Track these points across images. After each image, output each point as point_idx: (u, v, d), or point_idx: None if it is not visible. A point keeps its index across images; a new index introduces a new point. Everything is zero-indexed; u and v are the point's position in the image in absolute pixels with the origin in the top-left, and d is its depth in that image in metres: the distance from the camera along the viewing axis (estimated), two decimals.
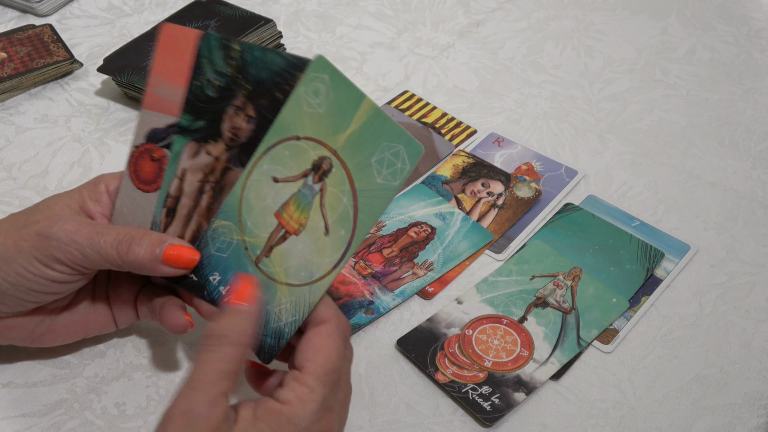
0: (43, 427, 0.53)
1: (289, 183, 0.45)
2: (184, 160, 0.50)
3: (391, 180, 0.42)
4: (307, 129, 0.44)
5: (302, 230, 0.45)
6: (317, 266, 0.44)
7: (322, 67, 0.44)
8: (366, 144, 0.43)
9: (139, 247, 0.48)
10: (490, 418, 0.54)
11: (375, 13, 0.93)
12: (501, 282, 0.63)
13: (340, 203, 0.44)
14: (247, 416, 0.42)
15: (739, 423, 0.54)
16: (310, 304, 0.45)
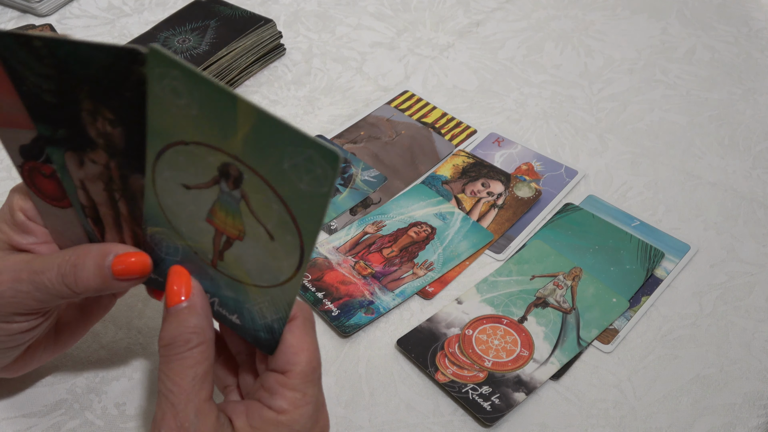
0: (43, 428, 0.53)
1: (203, 189, 0.40)
2: (74, 170, 0.43)
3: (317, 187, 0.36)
4: (191, 133, 0.38)
5: (244, 236, 0.40)
6: (278, 269, 0.40)
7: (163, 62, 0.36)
8: (268, 150, 0.36)
9: (85, 272, 0.42)
10: (490, 418, 0.54)
11: (375, 13, 0.93)
12: (501, 282, 0.63)
13: (271, 210, 0.38)
14: (244, 426, 0.41)
15: (739, 423, 0.54)
16: (288, 302, 0.41)
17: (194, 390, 0.40)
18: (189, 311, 0.41)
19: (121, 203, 0.44)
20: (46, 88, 0.40)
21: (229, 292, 0.43)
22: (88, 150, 0.42)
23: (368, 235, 0.66)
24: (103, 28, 0.89)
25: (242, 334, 0.44)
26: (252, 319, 0.43)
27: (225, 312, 0.44)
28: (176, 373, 0.40)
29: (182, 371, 0.40)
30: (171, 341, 0.40)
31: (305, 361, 0.42)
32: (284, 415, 0.41)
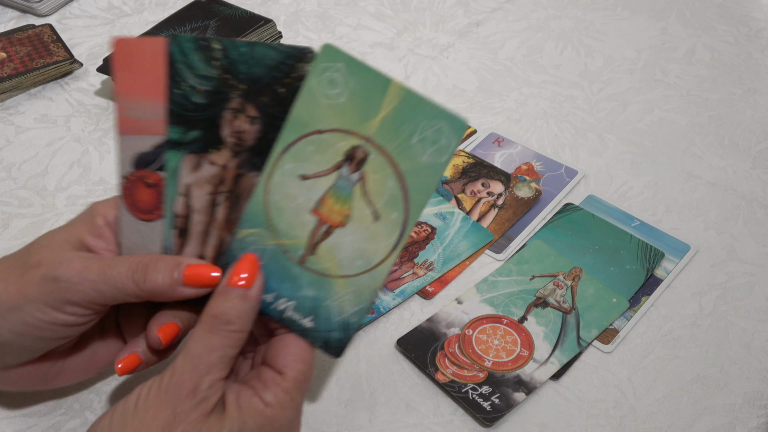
0: (43, 427, 0.53)
1: (321, 178, 0.44)
2: (185, 176, 0.46)
3: (437, 157, 0.42)
4: (330, 121, 0.43)
5: (348, 221, 0.44)
6: (374, 252, 0.44)
7: (333, 56, 0.42)
8: (402, 126, 0.42)
9: (156, 273, 0.45)
10: (490, 418, 0.54)
11: (375, 13, 0.93)
12: (501, 282, 0.63)
13: (385, 188, 0.43)
14: (233, 404, 0.43)
15: (739, 423, 0.54)
16: (374, 289, 0.44)
17: (217, 366, 0.42)
18: (243, 298, 0.44)
19: (221, 208, 0.47)
20: (200, 89, 0.45)
21: (309, 291, 0.45)
22: (212, 151, 0.46)
23: None
24: (103, 28, 0.89)
25: (312, 338, 0.46)
26: (328, 318, 0.45)
27: (297, 317, 0.46)
28: (209, 343, 0.42)
29: (215, 346, 0.42)
30: (217, 314, 0.43)
31: (302, 370, 0.45)
32: (269, 409, 0.44)
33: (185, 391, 0.42)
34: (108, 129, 0.76)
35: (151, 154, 0.47)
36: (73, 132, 0.76)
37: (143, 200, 0.48)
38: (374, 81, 0.42)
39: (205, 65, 0.45)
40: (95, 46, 0.86)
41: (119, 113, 0.47)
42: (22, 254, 0.48)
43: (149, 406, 0.42)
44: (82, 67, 0.82)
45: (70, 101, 0.79)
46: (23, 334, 0.45)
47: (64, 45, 0.82)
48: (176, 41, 0.44)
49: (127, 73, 0.46)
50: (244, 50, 0.44)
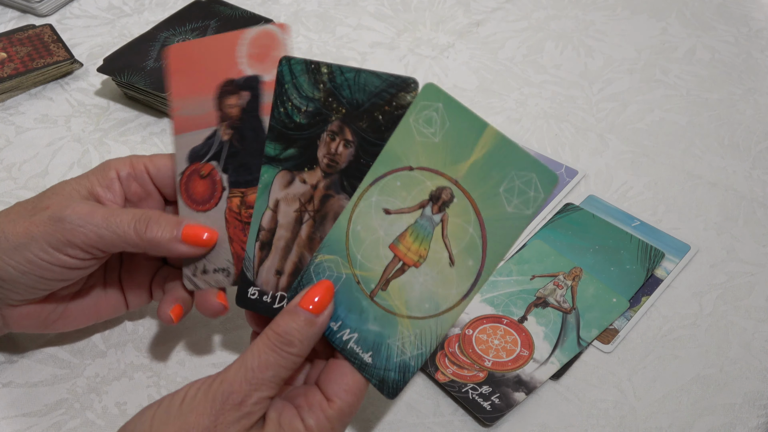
0: (43, 427, 0.53)
1: (404, 214, 0.44)
2: (276, 191, 0.48)
3: (523, 209, 0.40)
4: (421, 159, 0.43)
5: (422, 262, 0.43)
6: (443, 298, 0.43)
7: (433, 95, 0.43)
8: (492, 173, 0.41)
9: (157, 226, 0.47)
10: (490, 418, 0.54)
11: (375, 13, 0.93)
12: (501, 282, 0.63)
13: (465, 233, 0.42)
14: (274, 420, 0.44)
15: (739, 423, 0.54)
16: (438, 336, 0.43)
17: (268, 384, 0.43)
18: (309, 322, 0.44)
19: (306, 226, 0.48)
20: (305, 110, 0.47)
21: (374, 326, 0.45)
22: (306, 169, 0.48)
23: None
24: (103, 28, 0.89)
25: (368, 374, 0.46)
26: (388, 356, 0.45)
27: (359, 349, 0.46)
28: (266, 360, 0.43)
29: (274, 366, 0.43)
30: (282, 333, 0.43)
31: (351, 402, 0.45)
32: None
33: (232, 403, 0.42)
34: (108, 129, 0.76)
35: (203, 146, 0.50)
36: (74, 132, 0.76)
37: (198, 191, 0.50)
38: (470, 124, 0.42)
39: (311, 87, 0.46)
40: (95, 46, 0.86)
41: (174, 114, 0.50)
42: (34, 199, 0.50)
43: (194, 408, 0.42)
44: (83, 67, 0.82)
45: (71, 101, 0.79)
46: (27, 272, 0.48)
47: (64, 45, 0.82)
48: (287, 62, 0.46)
49: (178, 75, 0.50)
50: (349, 75, 0.45)
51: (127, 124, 0.76)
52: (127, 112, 0.78)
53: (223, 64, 0.50)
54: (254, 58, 0.49)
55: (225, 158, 0.50)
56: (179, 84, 0.50)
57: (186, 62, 0.50)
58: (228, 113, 0.50)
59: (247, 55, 0.49)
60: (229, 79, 0.50)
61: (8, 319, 0.51)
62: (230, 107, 0.49)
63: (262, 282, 0.49)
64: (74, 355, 0.57)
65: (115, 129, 0.76)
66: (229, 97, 0.49)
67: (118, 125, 0.76)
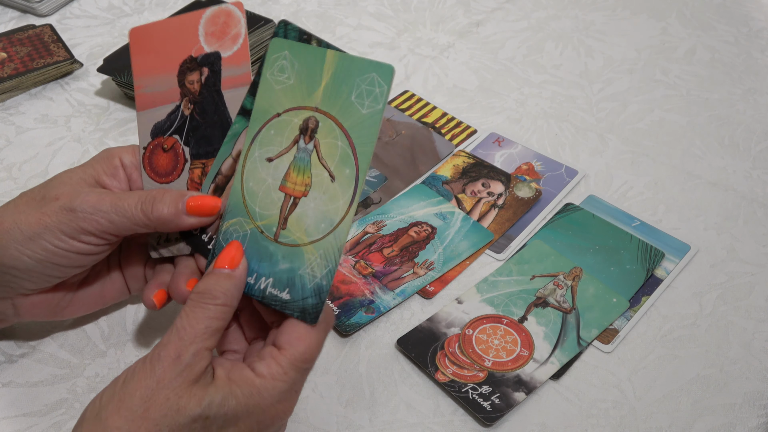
0: (43, 427, 0.53)
1: (284, 156, 0.47)
2: (241, 142, 0.50)
3: (374, 105, 0.45)
4: (284, 103, 0.47)
5: (309, 189, 0.47)
6: (334, 212, 0.46)
7: (279, 47, 0.47)
8: (342, 88, 0.45)
9: (162, 204, 0.49)
10: (490, 418, 0.54)
11: (375, 13, 0.93)
12: (501, 282, 0.63)
13: (336, 148, 0.46)
14: (223, 376, 0.45)
15: (739, 423, 0.54)
16: (339, 248, 0.46)
17: (202, 336, 0.44)
18: (227, 277, 0.46)
19: None
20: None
21: (284, 264, 0.48)
22: None
23: (368, 235, 0.66)
24: (103, 28, 0.89)
25: (290, 310, 0.47)
26: (302, 286, 0.47)
27: (276, 291, 0.48)
28: (194, 316, 0.45)
29: (200, 318, 0.44)
30: (202, 291, 0.45)
31: (302, 350, 0.46)
32: (259, 379, 0.45)
33: (169, 359, 0.43)
34: (108, 129, 0.76)
35: (165, 121, 0.53)
36: (74, 132, 0.76)
37: (161, 164, 0.53)
38: (313, 56, 0.46)
39: None
40: (95, 46, 0.86)
41: (137, 92, 0.52)
42: (40, 189, 0.51)
43: (134, 377, 0.43)
44: (83, 67, 0.82)
45: (71, 101, 0.79)
46: (43, 260, 0.49)
47: (64, 45, 0.82)
48: (284, 26, 0.48)
49: (142, 56, 0.52)
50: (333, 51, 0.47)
51: (127, 124, 0.76)
52: (127, 112, 0.78)
53: (184, 43, 0.52)
54: (213, 36, 0.52)
55: (186, 131, 0.52)
56: (142, 63, 0.53)
57: (148, 42, 0.52)
58: (189, 89, 0.52)
59: (205, 33, 0.52)
60: (189, 56, 0.52)
61: (20, 308, 0.53)
62: (191, 83, 0.52)
63: None
64: (74, 355, 0.57)
65: (115, 129, 0.76)
66: (190, 73, 0.52)
67: (118, 125, 0.76)
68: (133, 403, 0.42)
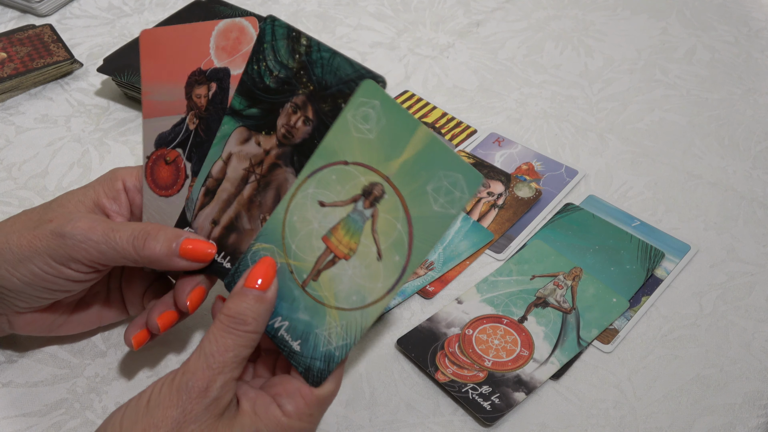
0: (43, 427, 0.53)
1: (337, 207, 0.45)
2: (231, 144, 0.49)
3: (448, 208, 0.41)
4: (356, 154, 0.44)
5: (352, 255, 0.44)
6: (369, 291, 0.44)
7: (371, 93, 0.43)
8: (421, 172, 0.42)
9: (155, 242, 0.47)
10: (490, 418, 0.54)
11: (375, 13, 0.93)
12: (501, 282, 0.63)
13: (393, 229, 0.43)
14: (249, 410, 0.44)
15: (739, 423, 0.54)
16: (363, 328, 0.44)
17: (230, 365, 0.43)
18: (259, 300, 0.44)
19: (249, 186, 0.49)
20: (275, 74, 0.47)
21: (304, 315, 0.46)
22: (263, 133, 0.48)
23: None
24: (103, 28, 0.89)
25: (296, 362, 0.46)
26: (315, 346, 0.46)
27: (288, 337, 0.47)
28: (224, 343, 0.43)
29: (229, 345, 0.43)
30: (233, 315, 0.44)
31: (330, 391, 0.46)
32: (286, 418, 0.44)
33: (197, 390, 0.42)
34: (108, 129, 0.76)
35: (170, 133, 0.51)
36: (73, 132, 0.76)
37: (162, 177, 0.51)
38: (404, 123, 0.42)
39: (288, 55, 0.47)
40: (95, 46, 0.86)
41: (144, 98, 0.51)
42: (40, 209, 0.50)
43: (160, 403, 0.42)
44: (83, 67, 0.82)
45: (71, 101, 0.79)
46: (31, 283, 0.48)
47: (64, 45, 0.82)
48: (272, 22, 0.46)
49: (150, 60, 0.50)
50: (325, 55, 0.46)
51: (127, 124, 0.76)
52: (127, 112, 0.78)
53: (194, 53, 0.50)
54: (224, 50, 0.50)
55: (190, 146, 0.51)
56: (151, 68, 0.51)
57: (159, 48, 0.50)
58: (196, 102, 0.51)
59: (216, 46, 0.50)
60: (198, 68, 0.50)
61: (14, 325, 0.52)
62: (198, 97, 0.50)
63: (198, 226, 0.51)
64: (74, 355, 0.57)
65: (115, 129, 0.76)
66: (198, 86, 0.50)
67: (118, 125, 0.76)
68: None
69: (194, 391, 0.42)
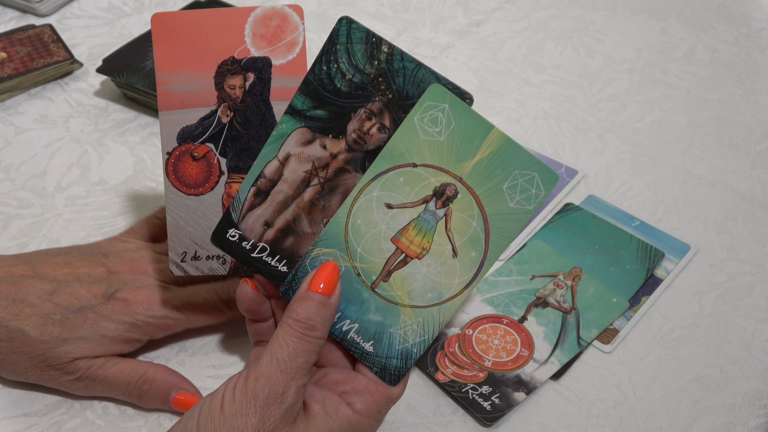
0: (43, 427, 0.53)
1: (406, 209, 0.45)
2: (290, 144, 0.47)
3: (525, 204, 0.43)
4: (425, 157, 0.45)
5: (425, 254, 0.45)
6: (446, 287, 0.45)
7: (439, 97, 0.44)
8: (496, 172, 0.44)
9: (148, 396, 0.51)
10: (490, 418, 0.54)
11: (375, 13, 0.93)
12: (501, 282, 0.63)
13: (468, 227, 0.44)
14: (319, 412, 0.44)
15: (739, 423, 0.54)
16: (441, 323, 0.45)
17: (302, 371, 0.43)
18: (324, 306, 0.44)
19: (311, 189, 0.47)
20: (350, 78, 0.46)
21: (376, 316, 0.46)
22: (330, 136, 0.47)
23: None
24: (103, 28, 0.89)
25: (369, 362, 0.47)
26: (390, 345, 0.46)
27: (360, 339, 0.47)
28: (296, 348, 0.43)
29: (300, 351, 0.43)
30: (302, 320, 0.43)
31: (400, 390, 0.46)
32: (356, 417, 0.45)
33: (273, 396, 0.42)
34: (107, 130, 0.76)
35: (197, 126, 0.48)
36: (72, 133, 0.76)
37: (190, 174, 0.48)
38: (476, 125, 0.44)
39: (365, 59, 0.46)
40: (95, 46, 0.86)
41: (160, 89, 0.47)
42: None
43: (237, 410, 0.42)
44: (82, 67, 0.82)
45: (70, 102, 0.79)
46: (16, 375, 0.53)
47: (64, 45, 0.82)
48: (348, 23, 0.45)
49: (167, 47, 0.46)
50: (409, 65, 0.46)
51: (126, 124, 0.76)
52: (126, 112, 0.78)
53: (225, 40, 0.47)
54: (263, 39, 0.47)
55: (224, 141, 0.48)
56: (167, 55, 0.47)
57: (177, 33, 0.47)
58: (229, 94, 0.48)
59: (253, 34, 0.47)
60: (231, 57, 0.47)
61: None
62: (232, 88, 0.48)
63: (246, 228, 0.48)
64: None
65: (114, 129, 0.76)
66: (232, 77, 0.47)
67: (117, 126, 0.76)
68: None
69: (271, 398, 0.42)
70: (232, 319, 0.56)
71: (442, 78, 0.45)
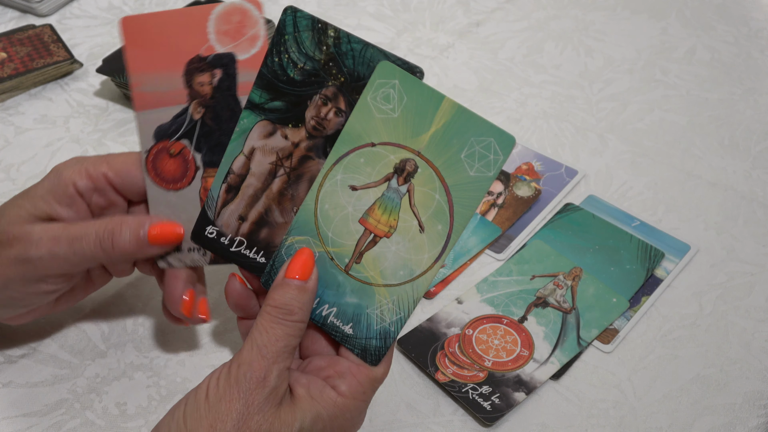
0: (43, 427, 0.53)
1: (370, 189, 0.46)
2: (254, 138, 0.48)
3: (485, 171, 0.43)
4: (382, 135, 0.45)
5: (393, 232, 0.45)
6: (416, 263, 0.45)
7: (388, 73, 0.44)
8: (452, 141, 0.43)
9: (121, 237, 0.47)
10: (490, 418, 0.54)
11: (375, 13, 0.93)
12: (501, 282, 0.63)
13: (431, 200, 0.44)
14: (305, 395, 0.45)
15: (739, 423, 0.54)
16: (415, 299, 0.46)
17: (282, 355, 0.44)
18: (302, 290, 0.45)
19: (279, 180, 0.48)
20: (301, 66, 0.47)
21: (352, 299, 0.47)
22: (290, 126, 0.48)
23: None
24: (103, 28, 0.89)
25: (350, 344, 0.47)
26: (368, 326, 0.47)
27: (339, 322, 0.47)
28: (275, 333, 0.44)
29: (280, 335, 0.44)
30: (280, 305, 0.44)
31: (383, 370, 0.47)
32: (342, 399, 0.45)
33: (255, 381, 0.42)
34: (107, 130, 0.76)
35: (171, 124, 0.49)
36: (72, 133, 0.76)
37: (168, 170, 0.50)
38: (428, 97, 0.44)
39: (314, 46, 0.46)
40: (95, 46, 0.86)
41: (134, 90, 0.49)
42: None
43: (221, 397, 0.42)
44: (82, 67, 0.82)
45: (70, 102, 0.79)
46: (13, 304, 0.50)
47: (64, 45, 0.82)
48: (293, 13, 0.46)
49: (137, 49, 0.48)
50: (357, 46, 0.46)
51: (125, 124, 0.76)
52: (126, 112, 0.78)
53: (188, 40, 0.48)
54: (226, 35, 0.48)
55: (197, 137, 0.50)
56: (138, 58, 0.48)
57: (146, 35, 0.48)
58: (199, 91, 0.49)
59: (216, 31, 0.48)
60: (197, 55, 0.48)
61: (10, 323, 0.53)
62: (200, 85, 0.49)
63: (223, 224, 0.50)
64: (74, 355, 0.57)
65: (114, 130, 0.76)
66: (200, 74, 0.49)
67: (116, 126, 0.76)
68: (225, 430, 0.41)
69: (253, 382, 0.42)
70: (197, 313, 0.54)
71: (391, 55, 0.45)
